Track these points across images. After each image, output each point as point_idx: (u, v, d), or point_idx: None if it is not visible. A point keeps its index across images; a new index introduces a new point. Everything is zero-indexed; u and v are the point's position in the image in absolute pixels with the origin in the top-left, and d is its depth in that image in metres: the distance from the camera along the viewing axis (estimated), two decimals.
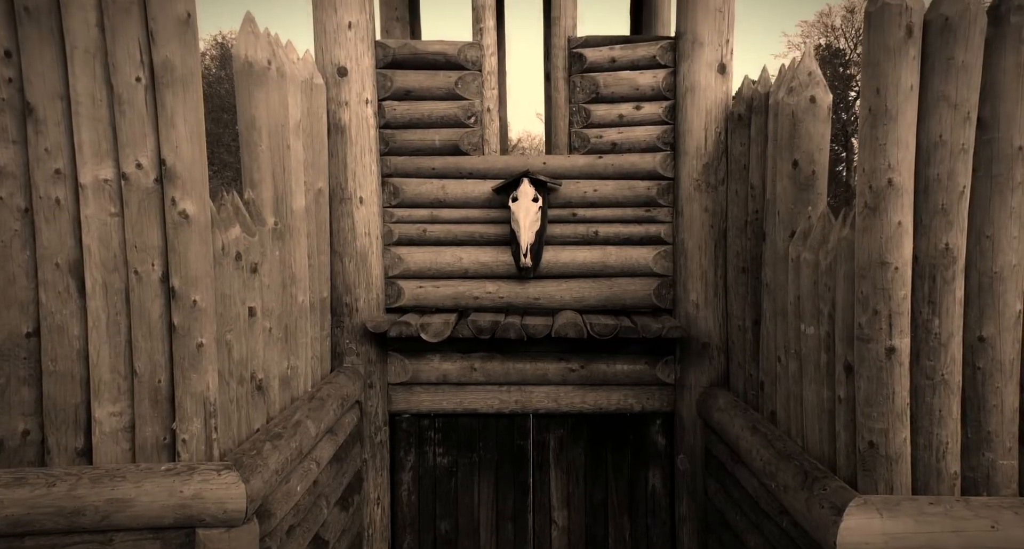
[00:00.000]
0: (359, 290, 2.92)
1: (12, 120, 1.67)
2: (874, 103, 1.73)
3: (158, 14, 1.64)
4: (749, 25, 31.66)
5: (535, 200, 2.85)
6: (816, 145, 2.29)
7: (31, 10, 1.63)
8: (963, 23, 1.64)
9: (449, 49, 2.91)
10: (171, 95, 1.67)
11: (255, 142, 2.22)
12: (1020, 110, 1.67)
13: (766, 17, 44.81)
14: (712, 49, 2.80)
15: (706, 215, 2.88)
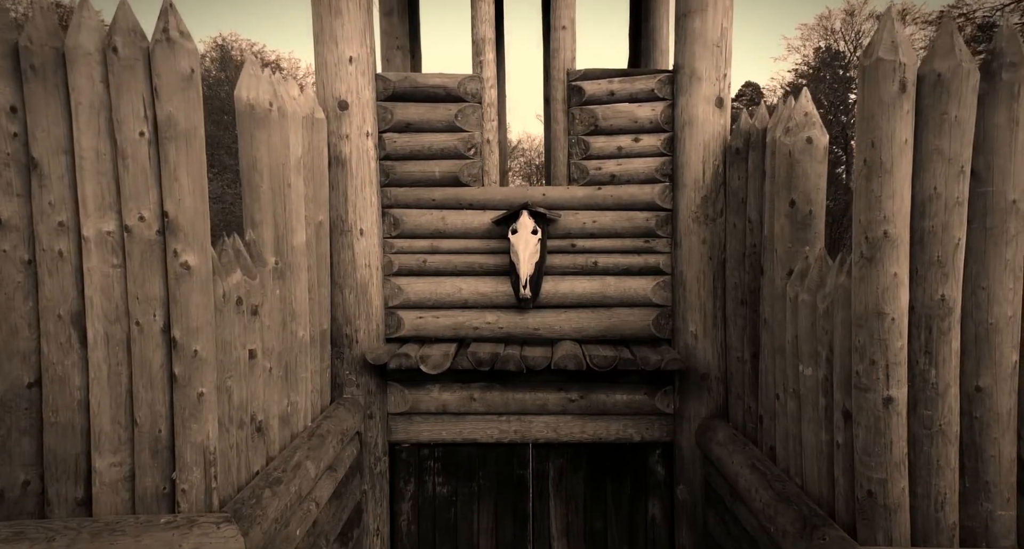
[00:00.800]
0: (359, 321, 2.93)
1: (16, 174, 1.68)
2: (869, 155, 1.75)
3: (162, 71, 1.66)
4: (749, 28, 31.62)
5: (534, 232, 2.87)
6: (813, 185, 2.31)
7: (37, 68, 1.65)
8: (956, 80, 1.67)
9: (449, 82, 2.93)
10: (174, 149, 1.69)
11: (256, 183, 2.24)
12: (1014, 165, 1.69)
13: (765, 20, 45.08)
14: (710, 83, 2.82)
15: (704, 247, 2.90)
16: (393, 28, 3.60)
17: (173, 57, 1.66)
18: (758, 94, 33.34)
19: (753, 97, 33.30)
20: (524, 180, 42.74)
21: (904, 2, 34.50)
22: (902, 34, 1.73)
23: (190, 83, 1.70)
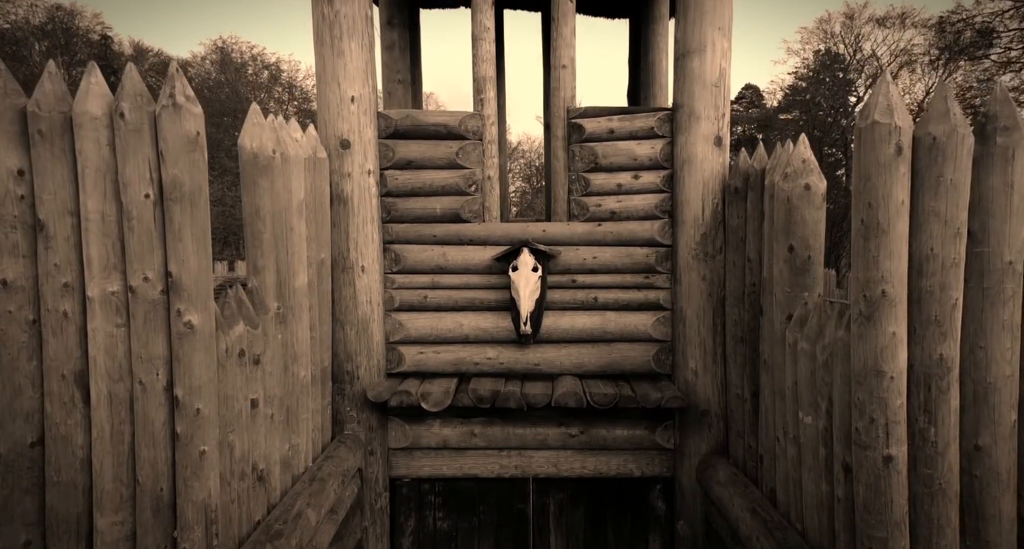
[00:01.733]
0: (360, 358, 2.94)
1: (23, 236, 1.70)
2: (866, 215, 1.76)
3: (169, 135, 1.68)
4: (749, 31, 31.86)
5: (535, 270, 2.89)
6: (811, 231, 2.33)
7: (44, 133, 1.67)
8: (951, 143, 1.69)
9: (450, 121, 2.96)
10: (179, 211, 1.71)
11: (259, 229, 2.25)
12: (1009, 227, 1.71)
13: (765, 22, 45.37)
14: (708, 123, 2.85)
15: (704, 284, 2.91)
16: (394, 62, 3.64)
17: (179, 121, 1.69)
18: (758, 96, 33.58)
19: (753, 99, 33.54)
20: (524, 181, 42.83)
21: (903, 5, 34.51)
22: (897, 97, 1.76)
23: (196, 145, 1.72)
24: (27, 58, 29.28)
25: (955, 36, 19.82)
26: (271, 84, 36.57)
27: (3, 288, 1.68)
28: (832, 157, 28.41)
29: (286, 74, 36.55)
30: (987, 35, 18.96)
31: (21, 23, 28.76)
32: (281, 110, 36.91)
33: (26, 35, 29.40)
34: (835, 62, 26.47)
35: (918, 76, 23.99)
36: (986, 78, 20.43)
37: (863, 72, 25.92)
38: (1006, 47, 18.84)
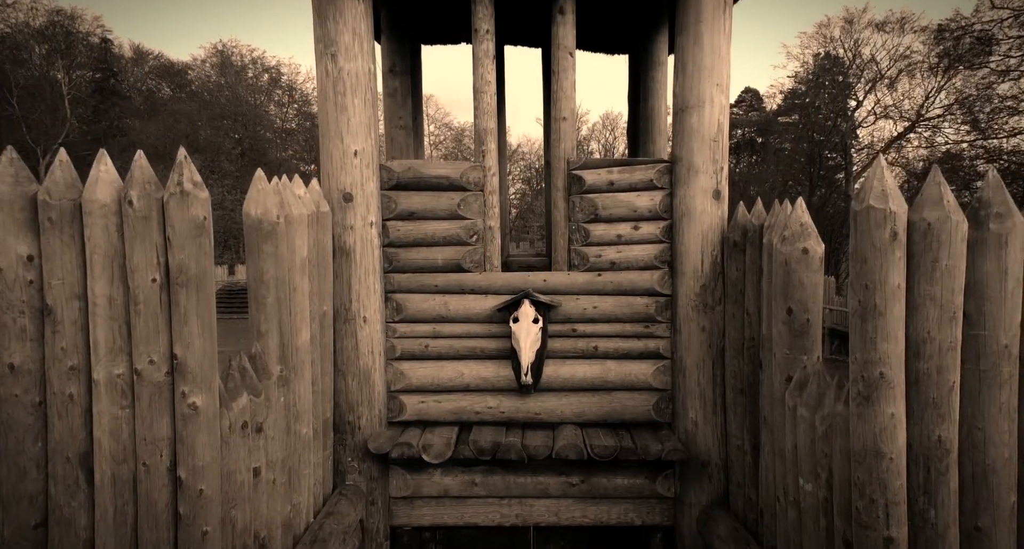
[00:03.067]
0: (362, 408, 2.95)
1: (30, 320, 1.72)
2: (864, 297, 1.79)
3: (176, 221, 1.71)
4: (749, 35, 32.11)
5: (535, 321, 2.91)
6: (809, 294, 2.35)
7: (54, 220, 1.70)
8: (945, 229, 1.71)
9: (452, 172, 3.00)
10: (185, 295, 1.73)
11: (263, 294, 2.28)
12: (1004, 311, 1.73)
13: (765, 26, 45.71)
14: (707, 176, 2.88)
15: (703, 334, 2.93)
16: (397, 108, 3.69)
17: (187, 208, 1.72)
18: (757, 100, 33.82)
19: (752, 103, 33.77)
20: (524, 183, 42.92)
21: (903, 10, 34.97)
22: (891, 182, 1.78)
23: (202, 230, 1.75)
24: (27, 61, 29.56)
25: (954, 43, 19.97)
26: (271, 87, 36.84)
27: (10, 372, 1.70)
28: (832, 161, 28.61)
29: (286, 77, 36.85)
30: (986, 43, 19.11)
31: (21, 26, 29.06)
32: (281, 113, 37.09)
33: (26, 38, 29.69)
34: (835, 66, 26.72)
35: (917, 81, 24.21)
36: (985, 86, 20.59)
37: (862, 76, 26.16)
38: (1005, 55, 19.00)
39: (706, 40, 2.78)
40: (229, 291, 22.92)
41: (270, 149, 36.51)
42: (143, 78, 36.53)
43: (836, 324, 13.30)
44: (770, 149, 29.50)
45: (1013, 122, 19.75)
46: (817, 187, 26.23)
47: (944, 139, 23.29)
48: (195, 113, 31.99)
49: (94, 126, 31.19)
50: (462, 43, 4.31)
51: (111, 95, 32.13)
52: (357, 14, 2.79)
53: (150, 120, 31.40)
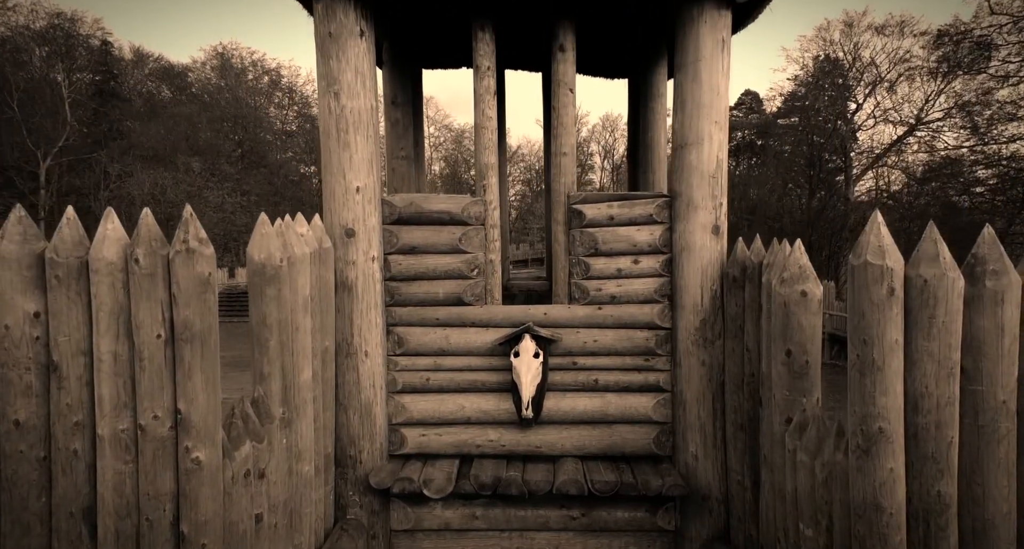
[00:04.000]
0: (363, 442, 2.96)
1: (36, 376, 1.74)
2: (862, 352, 1.80)
3: (181, 278, 1.73)
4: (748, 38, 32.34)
5: (536, 355, 2.92)
6: (808, 336, 2.36)
7: (61, 278, 1.72)
8: (942, 286, 1.73)
9: (453, 207, 3.02)
10: (189, 350, 1.75)
11: (266, 337, 2.29)
12: (1001, 368, 1.74)
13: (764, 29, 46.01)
14: (706, 212, 2.90)
15: (703, 368, 2.94)
16: (398, 139, 3.71)
17: (192, 265, 1.74)
18: (757, 102, 33.94)
19: (752, 105, 33.88)
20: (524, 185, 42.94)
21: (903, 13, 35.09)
22: (888, 237, 1.81)
23: (207, 286, 1.77)
24: (27, 64, 29.68)
25: (953, 47, 20.04)
26: (271, 89, 36.99)
27: (15, 428, 1.71)
28: (832, 163, 28.69)
29: (286, 79, 36.99)
30: (985, 48, 19.19)
31: (21, 29, 29.20)
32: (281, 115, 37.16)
33: (26, 40, 29.84)
34: (834, 68, 26.84)
35: (917, 85, 24.31)
36: (984, 91, 20.66)
37: (862, 79, 26.28)
38: (1004, 60, 19.08)
39: (704, 78, 2.81)
40: (229, 294, 22.93)
41: (270, 151, 36.63)
42: (143, 80, 36.69)
43: (836, 329, 13.29)
44: (770, 151, 29.57)
45: (1012, 128, 19.82)
46: (817, 190, 26.28)
47: (944, 144, 23.38)
48: (195, 115, 32.12)
49: (94, 129, 31.29)
50: (463, 68, 4.35)
51: (111, 98, 32.27)
52: (359, 52, 2.82)
53: (150, 122, 31.51)
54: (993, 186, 19.63)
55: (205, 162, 31.41)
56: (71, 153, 29.41)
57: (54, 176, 29.29)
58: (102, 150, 29.62)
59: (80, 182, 29.69)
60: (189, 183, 29.66)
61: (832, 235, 25.01)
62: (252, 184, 33.29)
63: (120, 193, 28.49)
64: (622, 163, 38.60)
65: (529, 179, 41.44)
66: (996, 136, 20.38)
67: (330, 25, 2.78)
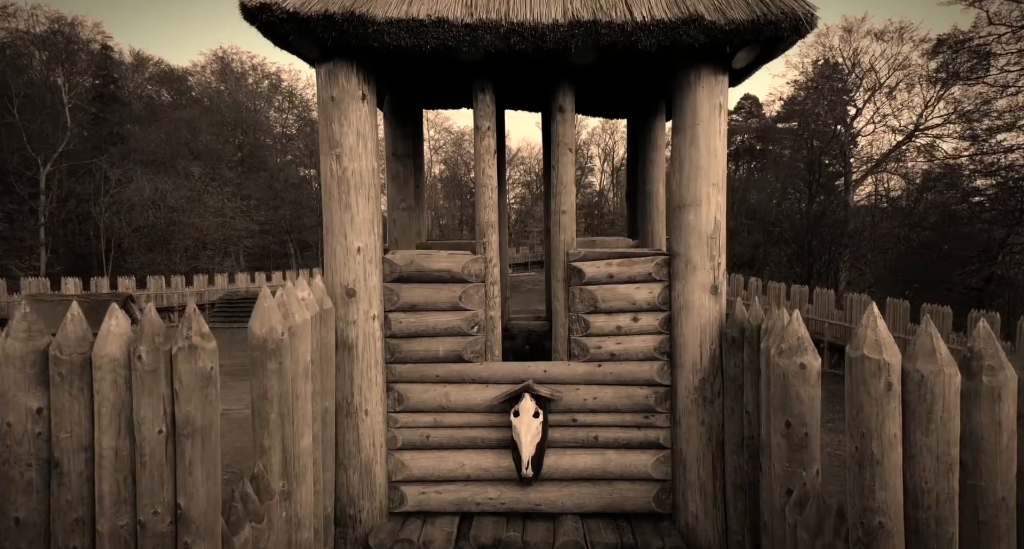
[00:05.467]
0: (363, 501, 2.95)
1: (37, 473, 1.74)
2: (861, 444, 1.81)
3: (183, 373, 1.74)
4: None
5: (536, 415, 2.93)
6: (807, 408, 2.37)
7: (64, 374, 1.73)
8: (939, 382, 1.74)
9: (453, 266, 3.04)
10: (190, 446, 1.76)
11: (266, 411, 2.30)
12: (1000, 463, 1.75)
13: None
14: (705, 272, 2.92)
15: (703, 428, 2.95)
16: (399, 190, 3.74)
17: (195, 360, 1.75)
18: (756, 106, 34.05)
19: (752, 110, 34.00)
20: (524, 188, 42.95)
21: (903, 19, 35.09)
22: (884, 330, 1.82)
23: (209, 381, 1.77)
24: (28, 68, 29.77)
25: (952, 55, 20.19)
26: (271, 93, 37.13)
27: (15, 526, 1.71)
28: (832, 167, 28.77)
29: (286, 83, 37.09)
30: (984, 57, 19.32)
31: (22, 33, 29.32)
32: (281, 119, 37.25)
33: (27, 44, 29.96)
34: (834, 72, 26.99)
35: (916, 91, 24.46)
36: (983, 101, 20.79)
37: (861, 84, 26.45)
38: (1003, 69, 19.21)
39: (702, 142, 2.84)
40: (229, 301, 22.87)
41: (270, 155, 36.70)
42: (143, 84, 36.84)
43: (835, 338, 13.32)
44: (770, 156, 29.65)
45: (1011, 137, 19.92)
46: (816, 194, 26.34)
47: (943, 153, 23.51)
48: (195, 120, 32.23)
49: (94, 134, 31.38)
50: (462, 108, 4.38)
51: (111, 102, 32.37)
52: (361, 116, 2.85)
53: (150, 127, 31.61)
54: (992, 195, 19.70)
55: (205, 166, 31.46)
56: (71, 158, 29.47)
57: (54, 182, 29.34)
58: (102, 155, 29.69)
59: (80, 187, 29.73)
60: (189, 188, 29.72)
61: (831, 242, 25.04)
62: (252, 188, 33.33)
63: (120, 198, 28.55)
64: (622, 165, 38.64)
65: (529, 182, 41.51)
66: (994, 146, 20.50)
67: (332, 90, 2.81)
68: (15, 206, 28.10)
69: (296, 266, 33.21)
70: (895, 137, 25.89)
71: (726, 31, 2.51)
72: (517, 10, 2.54)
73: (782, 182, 28.54)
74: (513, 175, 40.16)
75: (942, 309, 11.81)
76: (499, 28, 2.52)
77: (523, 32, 2.53)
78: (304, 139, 36.46)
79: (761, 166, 30.37)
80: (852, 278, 25.61)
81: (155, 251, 29.65)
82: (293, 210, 34.79)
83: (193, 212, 29.40)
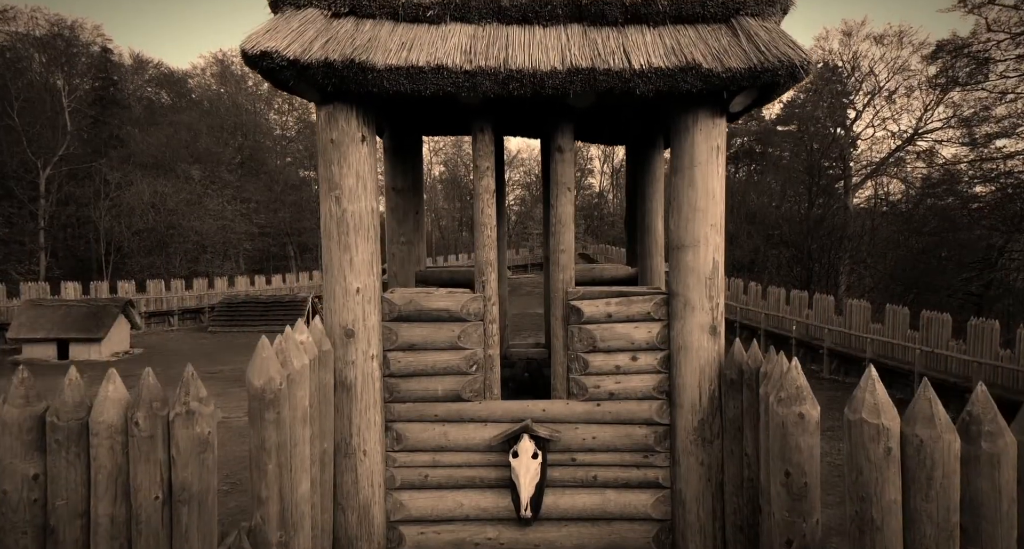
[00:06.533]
0: (361, 542, 2.94)
1: (32, 540, 1.74)
2: (860, 509, 1.81)
3: (180, 439, 1.74)
4: None
5: (535, 456, 2.92)
6: (807, 458, 2.36)
7: (61, 441, 1.72)
8: (938, 449, 1.74)
9: (452, 305, 3.03)
10: (187, 511, 1.75)
11: (264, 461, 2.29)
12: (1001, 530, 1.74)
13: None
14: (703, 313, 2.92)
15: (702, 468, 2.94)
16: (399, 225, 3.74)
17: (192, 426, 1.74)
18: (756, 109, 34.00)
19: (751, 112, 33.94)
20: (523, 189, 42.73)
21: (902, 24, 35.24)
22: (882, 394, 1.82)
23: (206, 446, 1.77)
24: (27, 71, 29.77)
25: (951, 61, 20.25)
26: (271, 95, 37.14)
27: None
28: (831, 170, 28.81)
29: None
30: (983, 63, 19.38)
31: (21, 36, 29.33)
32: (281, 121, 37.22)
33: (27, 47, 29.98)
34: (833, 75, 27.07)
35: (916, 95, 24.53)
36: (983, 107, 20.84)
37: (861, 88, 26.53)
38: (1002, 75, 19.26)
39: (700, 184, 2.84)
40: (228, 304, 22.84)
41: (269, 157, 36.67)
42: (143, 87, 36.84)
43: (835, 344, 13.33)
44: (769, 159, 29.69)
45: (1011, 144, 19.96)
46: (816, 197, 26.34)
47: (942, 159, 23.56)
48: (195, 123, 32.20)
49: (94, 136, 31.36)
50: (462, 135, 4.38)
51: (111, 104, 32.37)
52: (361, 157, 2.85)
53: (150, 129, 31.57)
54: (991, 202, 19.73)
55: (205, 169, 31.43)
56: (71, 162, 29.47)
57: (53, 185, 29.33)
58: (102, 158, 29.68)
59: (80, 191, 29.72)
60: (189, 191, 29.71)
61: (830, 247, 25.05)
62: (252, 191, 33.31)
63: (120, 202, 28.51)
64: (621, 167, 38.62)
65: (529, 183, 41.46)
66: (992, 153, 20.53)
67: (332, 132, 2.81)
68: (15, 210, 28.10)
69: (296, 268, 33.22)
70: (894, 141, 25.96)
71: (723, 79, 2.52)
72: (516, 57, 2.55)
73: (781, 185, 28.54)
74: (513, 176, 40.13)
75: (941, 316, 11.82)
76: (498, 75, 2.53)
77: (522, 79, 2.54)
78: (303, 140, 36.43)
79: (760, 169, 30.39)
80: (852, 282, 25.61)
81: (155, 254, 29.64)
82: (293, 212, 34.78)
83: (193, 215, 29.42)
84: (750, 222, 26.84)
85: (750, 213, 27.27)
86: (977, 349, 10.00)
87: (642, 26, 2.67)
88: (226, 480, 6.19)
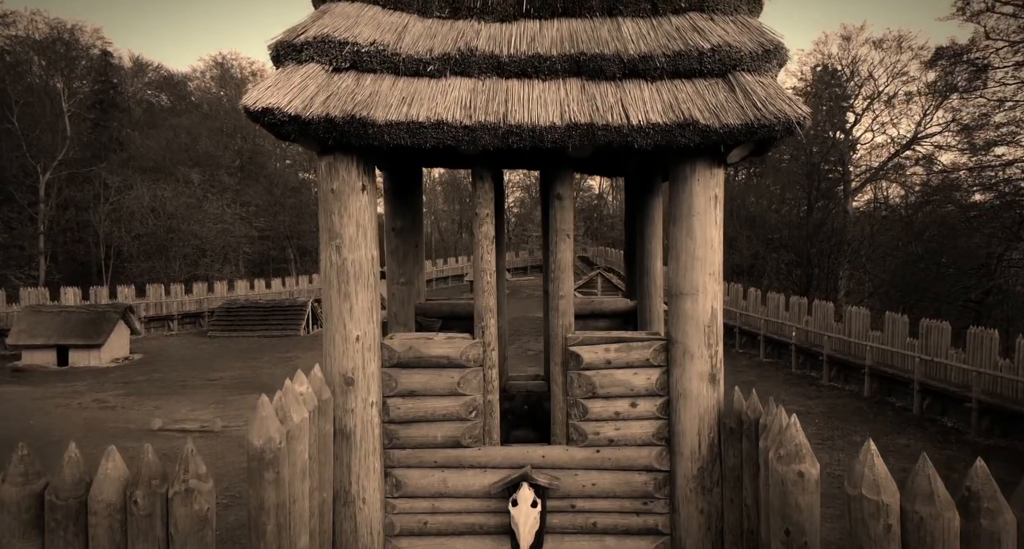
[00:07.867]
0: None
1: None
2: None
3: (179, 517, 1.74)
4: None
5: (534, 505, 2.92)
6: (806, 517, 2.36)
7: (60, 520, 1.72)
8: (938, 527, 1.75)
9: (452, 352, 3.03)
10: None
11: (263, 522, 2.29)
12: None
13: None
14: (702, 361, 2.93)
15: (702, 517, 2.94)
16: (399, 266, 3.74)
17: (191, 503, 1.75)
18: None
19: None
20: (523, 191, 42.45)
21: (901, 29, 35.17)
22: (882, 471, 1.82)
23: (205, 523, 1.77)
24: (27, 74, 29.74)
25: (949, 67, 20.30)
26: None
27: None
28: (831, 174, 28.83)
29: None
30: (982, 69, 19.44)
31: (21, 39, 29.31)
32: None
33: (26, 50, 29.98)
34: (832, 79, 27.12)
35: (915, 99, 24.63)
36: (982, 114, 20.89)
37: (860, 92, 26.57)
38: (1001, 82, 19.32)
39: (698, 233, 2.85)
40: (228, 309, 22.80)
41: (269, 160, 36.60)
42: (142, 89, 36.79)
43: (834, 351, 13.32)
44: (768, 162, 29.76)
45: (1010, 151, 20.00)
46: (816, 201, 26.33)
47: (940, 166, 23.60)
48: (195, 125, 32.15)
49: (94, 140, 31.33)
50: (461, 168, 4.39)
51: (111, 107, 32.35)
52: (361, 206, 2.86)
53: (150, 132, 31.51)
54: (990, 209, 19.76)
55: (204, 173, 31.40)
56: (70, 166, 29.44)
57: (53, 189, 29.31)
58: (102, 162, 29.64)
59: (80, 195, 29.71)
60: (189, 195, 29.68)
61: (830, 253, 25.05)
62: (251, 194, 33.27)
63: (119, 206, 28.45)
64: None
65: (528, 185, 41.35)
66: (991, 161, 20.57)
67: (333, 182, 2.82)
68: (14, 215, 28.08)
69: (296, 272, 33.16)
70: (894, 145, 26.01)
71: (721, 134, 2.53)
72: (515, 113, 2.56)
73: (781, 188, 28.52)
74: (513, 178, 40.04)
75: (940, 324, 11.80)
76: (497, 130, 2.54)
77: (521, 133, 2.55)
78: None
79: (760, 172, 30.42)
80: (851, 288, 25.59)
81: (154, 258, 29.61)
82: (292, 215, 34.71)
83: (192, 219, 29.39)
84: (749, 226, 26.85)
85: (749, 217, 27.28)
86: (976, 358, 9.98)
87: (640, 81, 2.68)
88: (225, 493, 6.14)
